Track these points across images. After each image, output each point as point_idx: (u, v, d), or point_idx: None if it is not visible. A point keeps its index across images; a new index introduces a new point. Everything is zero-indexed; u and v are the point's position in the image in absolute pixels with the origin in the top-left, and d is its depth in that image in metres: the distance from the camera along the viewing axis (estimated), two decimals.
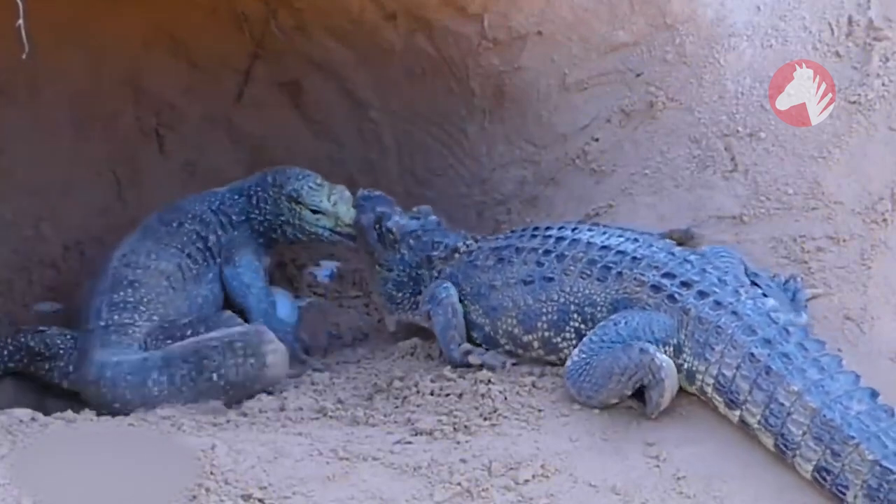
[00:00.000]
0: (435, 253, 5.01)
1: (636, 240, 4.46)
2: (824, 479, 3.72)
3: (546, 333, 4.49)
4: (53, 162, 6.26)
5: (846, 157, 4.80)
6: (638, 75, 5.49)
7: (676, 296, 4.16)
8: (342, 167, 6.59)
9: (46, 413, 4.42)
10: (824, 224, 4.65)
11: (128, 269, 5.38)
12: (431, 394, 4.38)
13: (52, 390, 5.19)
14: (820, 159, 4.83)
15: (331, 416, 4.37)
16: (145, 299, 5.27)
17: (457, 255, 4.94)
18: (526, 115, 5.86)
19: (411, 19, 6.02)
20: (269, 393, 4.72)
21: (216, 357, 4.73)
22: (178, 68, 6.48)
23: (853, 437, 3.67)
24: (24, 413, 4.27)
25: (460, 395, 4.31)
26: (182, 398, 4.70)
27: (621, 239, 4.47)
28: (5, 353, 5.23)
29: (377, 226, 5.24)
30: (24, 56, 4.23)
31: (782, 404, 3.81)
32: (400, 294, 5.13)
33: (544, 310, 4.49)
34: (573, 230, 4.61)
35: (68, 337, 5.20)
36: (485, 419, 4.11)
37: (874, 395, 3.80)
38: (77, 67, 6.26)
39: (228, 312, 5.32)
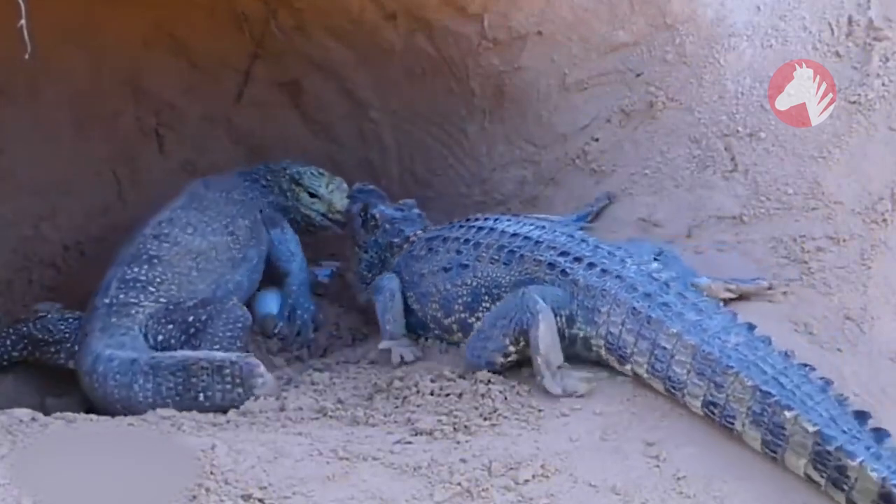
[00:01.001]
0: (395, 240, 5.41)
1: (544, 227, 4.77)
2: (713, 413, 3.91)
3: (462, 315, 4.82)
4: (53, 162, 6.27)
5: (846, 157, 4.80)
6: (638, 75, 5.49)
7: (568, 270, 4.44)
8: (342, 167, 6.59)
9: (46, 413, 4.42)
10: (824, 224, 4.65)
11: (155, 241, 5.33)
12: (431, 394, 4.38)
13: (54, 383, 5.18)
14: (820, 159, 4.83)
15: (331, 416, 4.36)
16: (158, 280, 5.21)
17: (405, 246, 5.33)
18: (526, 115, 5.86)
19: (411, 19, 6.02)
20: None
21: (205, 378, 4.64)
22: (178, 68, 6.48)
23: (732, 367, 3.86)
24: (24, 413, 4.27)
25: (460, 395, 4.31)
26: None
27: (531, 227, 4.78)
28: (7, 342, 5.23)
29: (363, 213, 5.63)
30: (26, 56, 4.22)
31: (665, 348, 4.05)
32: (370, 274, 5.49)
33: (460, 293, 4.83)
34: (495, 221, 4.94)
35: (71, 320, 5.18)
36: (485, 419, 4.11)
37: (751, 328, 4.03)
38: (77, 67, 6.27)
39: (234, 300, 5.24)
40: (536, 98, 5.81)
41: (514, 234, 4.73)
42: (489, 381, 4.35)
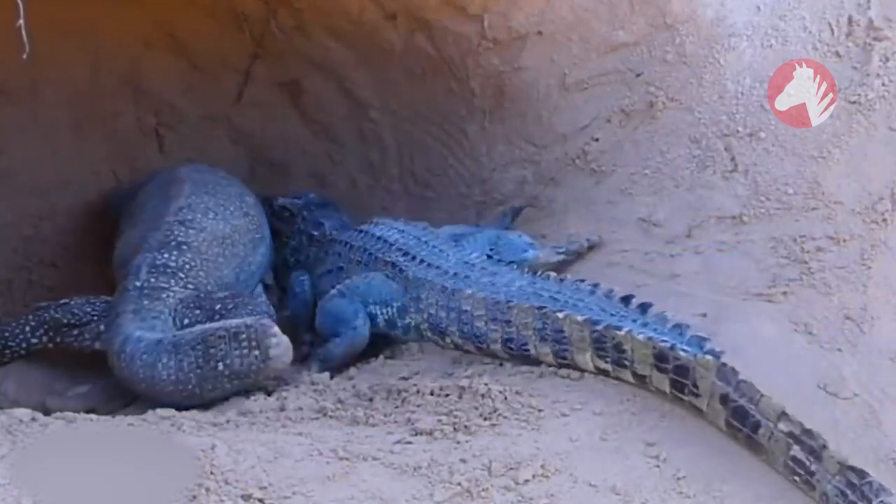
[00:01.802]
0: (315, 233, 5.81)
1: (403, 232, 5.23)
2: (511, 349, 4.44)
3: None
4: (53, 162, 6.26)
5: (846, 157, 4.80)
6: (638, 75, 5.49)
7: (403, 267, 5.00)
8: (342, 167, 6.59)
9: (46, 413, 4.42)
10: (824, 224, 4.65)
11: (181, 227, 5.31)
12: (431, 394, 4.37)
13: (54, 383, 5.17)
14: (820, 159, 4.83)
15: (331, 416, 4.36)
16: (187, 266, 5.18)
17: (319, 242, 5.72)
18: (526, 115, 5.86)
19: (411, 19, 6.01)
20: (269, 393, 4.72)
21: (222, 346, 4.59)
22: (178, 68, 6.48)
23: (512, 301, 4.44)
24: (24, 413, 4.26)
25: (460, 396, 4.30)
26: (189, 385, 4.60)
27: (394, 232, 5.25)
28: (27, 328, 5.13)
29: (265, 205, 5.95)
30: (24, 56, 4.22)
31: (466, 311, 4.61)
32: (293, 259, 5.89)
33: None
34: (377, 227, 5.35)
35: (97, 304, 5.12)
36: (485, 419, 4.10)
37: (534, 274, 4.65)
38: (77, 67, 6.26)
39: (263, 297, 5.29)
40: (536, 98, 5.80)
41: (378, 238, 5.22)
42: (489, 381, 4.36)
